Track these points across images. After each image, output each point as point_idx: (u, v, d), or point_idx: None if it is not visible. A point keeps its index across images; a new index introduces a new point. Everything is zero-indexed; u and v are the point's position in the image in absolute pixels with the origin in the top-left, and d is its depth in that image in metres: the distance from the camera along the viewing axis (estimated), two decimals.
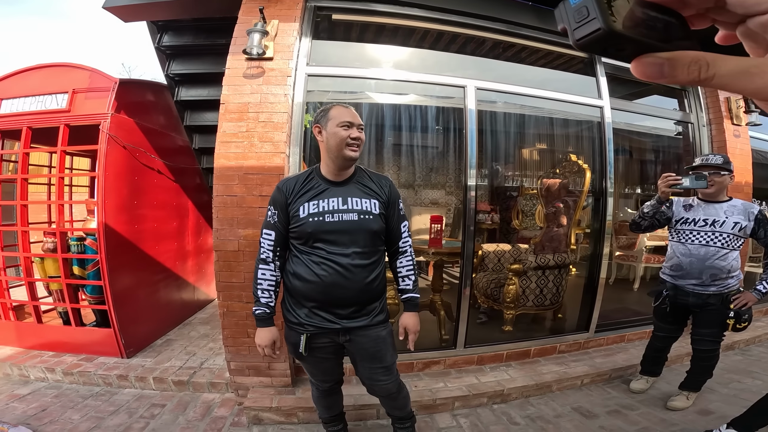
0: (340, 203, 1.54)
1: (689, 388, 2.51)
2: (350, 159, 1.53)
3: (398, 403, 1.84)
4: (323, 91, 2.99)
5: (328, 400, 1.89)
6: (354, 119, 1.53)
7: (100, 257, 2.72)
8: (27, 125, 2.79)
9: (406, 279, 1.68)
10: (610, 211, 3.06)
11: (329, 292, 1.54)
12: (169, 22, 3.11)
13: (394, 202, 1.66)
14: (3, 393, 2.56)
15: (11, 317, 3.01)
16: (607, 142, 3.03)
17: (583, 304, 3.26)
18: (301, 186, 1.57)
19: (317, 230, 1.51)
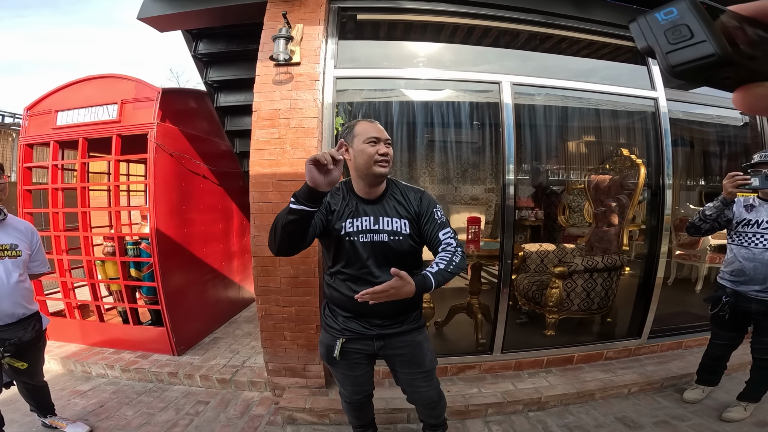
0: (371, 223, 1.50)
1: (748, 398, 2.32)
2: (380, 175, 1.47)
3: (437, 411, 1.80)
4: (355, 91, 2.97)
5: (358, 413, 1.87)
6: (380, 134, 1.47)
7: (153, 260, 2.89)
8: (83, 136, 2.99)
9: (433, 264, 1.47)
10: (669, 208, 2.83)
11: (362, 307, 1.48)
12: (202, 30, 3.19)
13: (426, 213, 1.54)
14: (66, 389, 2.76)
15: (76, 316, 3.27)
16: (664, 135, 2.79)
17: (635, 307, 3.05)
18: (340, 199, 1.54)
19: (350, 249, 1.49)
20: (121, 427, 2.31)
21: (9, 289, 1.84)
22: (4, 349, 1.81)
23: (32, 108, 3.14)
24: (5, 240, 1.87)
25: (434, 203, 1.57)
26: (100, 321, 3.23)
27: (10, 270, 1.85)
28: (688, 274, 4.27)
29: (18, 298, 1.88)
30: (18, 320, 1.90)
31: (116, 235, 3.04)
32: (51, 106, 3.09)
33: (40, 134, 3.10)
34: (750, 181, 1.90)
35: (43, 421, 2.25)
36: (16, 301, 1.87)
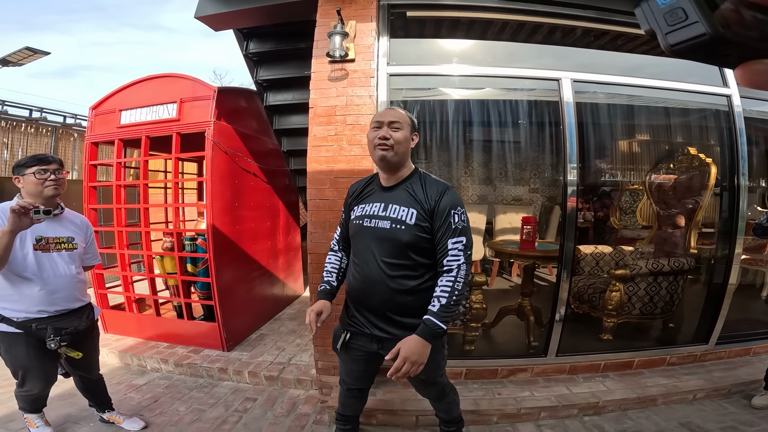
0: (380, 209, 1.52)
1: None
2: (380, 159, 1.47)
3: (442, 406, 1.86)
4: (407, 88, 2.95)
5: (347, 401, 1.89)
6: (384, 118, 1.48)
7: (208, 256, 2.94)
8: (145, 134, 3.08)
9: (435, 300, 1.40)
10: (744, 210, 2.70)
11: (358, 294, 1.59)
12: (252, 29, 3.24)
13: (441, 214, 1.43)
14: (123, 383, 2.84)
15: (134, 309, 3.37)
16: (739, 134, 2.65)
17: (704, 313, 2.92)
18: (362, 189, 1.63)
19: (355, 233, 1.56)
20: (174, 423, 2.35)
21: (66, 281, 1.90)
22: (61, 338, 1.86)
23: (97, 107, 3.25)
24: (63, 233, 1.94)
25: (456, 204, 1.45)
26: (156, 315, 3.31)
27: (67, 262, 1.92)
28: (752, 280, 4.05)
29: (74, 290, 1.95)
30: (73, 310, 1.95)
31: (175, 231, 3.12)
32: (115, 106, 3.20)
33: (105, 132, 3.22)
34: None
35: (101, 416, 2.30)
36: (72, 293, 1.94)
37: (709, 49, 0.28)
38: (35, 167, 1.81)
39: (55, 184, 1.84)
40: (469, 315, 2.75)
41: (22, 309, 1.82)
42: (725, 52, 0.29)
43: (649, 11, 0.30)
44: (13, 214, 1.58)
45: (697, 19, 0.27)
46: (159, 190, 3.87)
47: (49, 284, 1.84)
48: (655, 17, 0.29)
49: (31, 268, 1.80)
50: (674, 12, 0.28)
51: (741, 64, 0.30)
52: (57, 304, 1.88)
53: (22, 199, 1.82)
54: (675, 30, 0.28)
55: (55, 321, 1.87)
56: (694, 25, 0.27)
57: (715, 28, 0.27)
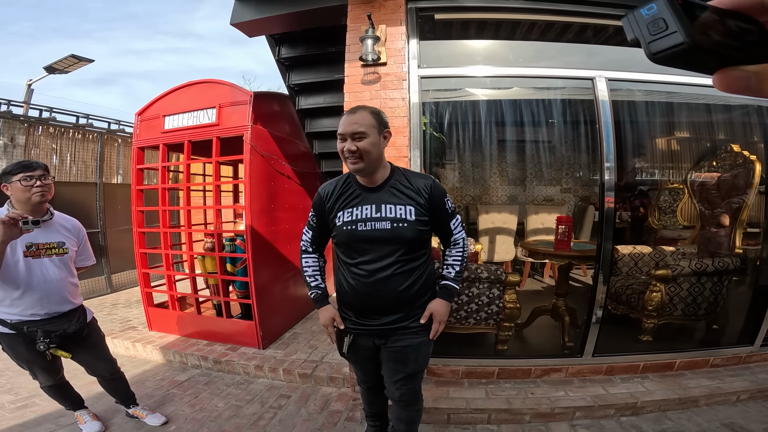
0: (373, 211, 1.49)
1: None
2: (355, 171, 1.47)
3: (409, 413, 1.76)
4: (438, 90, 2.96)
5: (370, 398, 1.92)
6: (346, 130, 1.43)
7: (247, 256, 3.04)
8: (187, 139, 3.21)
9: (450, 267, 1.63)
10: None
11: (363, 301, 1.55)
12: (283, 35, 3.32)
13: (437, 203, 1.54)
14: (166, 379, 2.96)
15: (176, 308, 3.51)
16: None
17: (749, 314, 2.81)
18: (339, 192, 1.56)
19: (350, 239, 1.50)
20: (213, 419, 2.43)
21: (57, 286, 1.94)
22: (50, 340, 1.90)
23: (142, 113, 3.41)
24: (53, 238, 1.96)
25: (444, 193, 1.58)
26: (197, 313, 3.44)
27: (58, 266, 1.95)
28: None
29: (64, 293, 1.98)
30: (63, 313, 1.99)
31: (216, 232, 3.23)
32: (159, 111, 3.34)
33: (150, 137, 3.37)
34: None
35: (126, 411, 2.40)
36: (63, 296, 1.97)
37: (688, 57, 0.29)
38: (20, 174, 1.81)
39: (41, 191, 1.84)
40: (503, 315, 2.74)
41: (16, 312, 1.86)
42: (704, 59, 0.30)
43: (635, 21, 0.31)
44: (3, 225, 1.62)
45: (676, 29, 0.28)
46: (197, 193, 4.02)
47: (39, 289, 1.88)
48: (640, 27, 0.31)
49: (23, 274, 1.83)
50: (656, 22, 0.29)
51: (718, 71, 0.31)
52: (47, 308, 1.92)
53: (12, 206, 1.86)
54: (657, 39, 0.30)
55: (46, 324, 1.92)
56: (674, 35, 0.28)
57: (692, 37, 0.28)
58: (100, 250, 5.19)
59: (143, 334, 3.56)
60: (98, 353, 2.21)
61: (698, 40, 0.28)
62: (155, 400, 2.64)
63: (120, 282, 5.55)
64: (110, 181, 5.47)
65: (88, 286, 5.11)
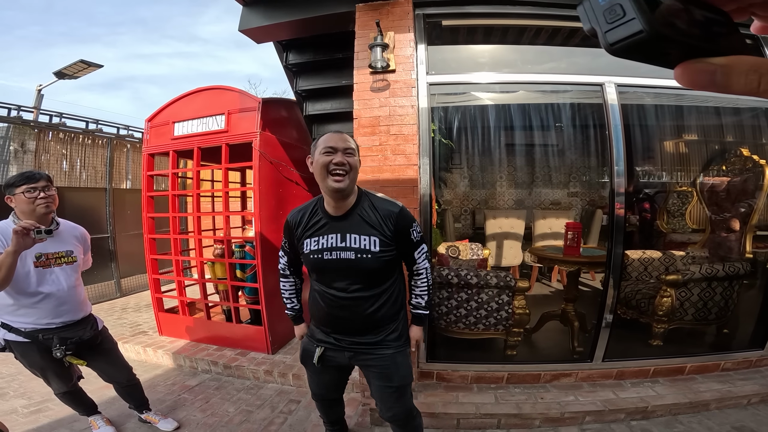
0: (338, 240, 1.48)
1: None
2: (333, 190, 1.40)
3: (406, 430, 1.77)
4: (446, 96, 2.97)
5: (326, 410, 1.98)
6: (338, 144, 1.40)
7: (257, 262, 3.06)
8: (197, 145, 3.23)
9: (418, 298, 1.68)
10: None
11: (333, 321, 1.60)
12: (291, 41, 3.33)
13: (403, 233, 1.53)
14: (177, 384, 2.98)
15: (186, 313, 3.53)
16: None
17: (759, 318, 2.80)
18: (307, 219, 1.55)
19: (317, 267, 1.52)
20: (225, 424, 2.44)
21: (69, 293, 1.97)
22: (66, 347, 1.92)
23: (152, 119, 3.44)
24: (62, 247, 1.98)
25: (411, 222, 1.56)
26: (207, 318, 3.46)
27: (69, 275, 1.98)
28: None
29: (77, 301, 2.01)
30: (78, 321, 2.02)
31: (225, 238, 3.25)
32: (168, 118, 3.37)
33: (160, 144, 3.39)
34: None
35: (139, 416, 2.43)
36: (76, 304, 2.01)
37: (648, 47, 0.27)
38: (23, 186, 1.81)
39: (46, 202, 1.85)
40: (512, 320, 2.74)
41: (30, 321, 1.89)
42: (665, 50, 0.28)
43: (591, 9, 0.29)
44: (16, 235, 1.63)
45: (633, 15, 0.26)
46: (206, 199, 4.03)
47: (54, 298, 1.91)
48: (596, 15, 0.28)
49: (35, 284, 1.86)
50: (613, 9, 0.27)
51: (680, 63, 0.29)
52: (63, 316, 1.95)
53: (17, 217, 1.86)
54: (614, 28, 0.27)
55: (61, 331, 1.94)
56: (631, 22, 0.26)
57: (652, 25, 0.26)
58: (109, 254, 5.24)
59: (154, 339, 3.58)
60: (113, 360, 2.24)
61: (659, 28, 0.26)
62: (167, 405, 2.65)
63: (129, 286, 5.59)
64: (119, 187, 5.52)
65: (98, 290, 5.15)
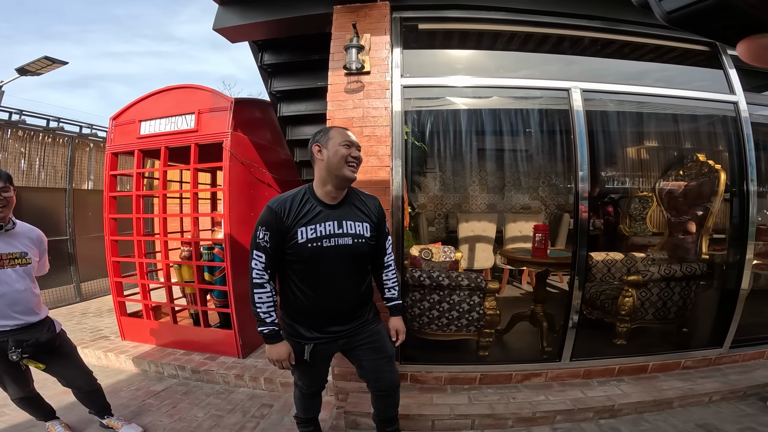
0: (335, 227, 1.55)
1: None
2: (348, 179, 1.55)
3: (395, 399, 1.89)
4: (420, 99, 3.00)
5: (308, 404, 1.95)
6: (353, 140, 1.57)
7: (226, 265, 2.99)
8: (164, 145, 3.14)
9: (392, 290, 1.81)
10: (754, 215, 2.73)
11: (325, 312, 1.62)
12: (267, 41, 3.29)
13: (382, 222, 1.72)
14: (141, 389, 2.87)
15: (151, 317, 3.41)
16: (746, 140, 2.70)
17: (717, 317, 2.94)
18: (297, 208, 1.53)
19: (315, 255, 1.52)
20: (194, 429, 2.37)
21: (23, 296, 1.92)
22: (22, 350, 1.87)
23: (117, 118, 3.32)
24: (17, 249, 1.94)
25: (384, 213, 1.76)
26: (173, 322, 3.35)
27: (22, 276, 1.93)
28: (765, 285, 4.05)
29: (31, 304, 1.96)
30: (33, 323, 1.97)
31: (193, 240, 3.16)
32: (135, 116, 3.26)
33: (125, 143, 3.28)
34: None
35: (101, 421, 2.34)
36: (30, 306, 1.96)
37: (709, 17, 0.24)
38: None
39: (3, 203, 1.83)
40: (483, 321, 2.78)
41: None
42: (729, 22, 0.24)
43: None
44: None
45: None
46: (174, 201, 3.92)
47: (6, 300, 1.86)
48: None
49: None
50: None
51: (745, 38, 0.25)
52: (15, 318, 1.90)
53: None
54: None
55: (16, 334, 1.89)
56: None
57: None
58: (68, 257, 5.00)
59: (116, 344, 3.44)
60: (72, 363, 2.17)
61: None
62: (131, 411, 2.56)
63: (90, 291, 5.34)
64: (81, 187, 5.29)
65: (56, 294, 4.90)
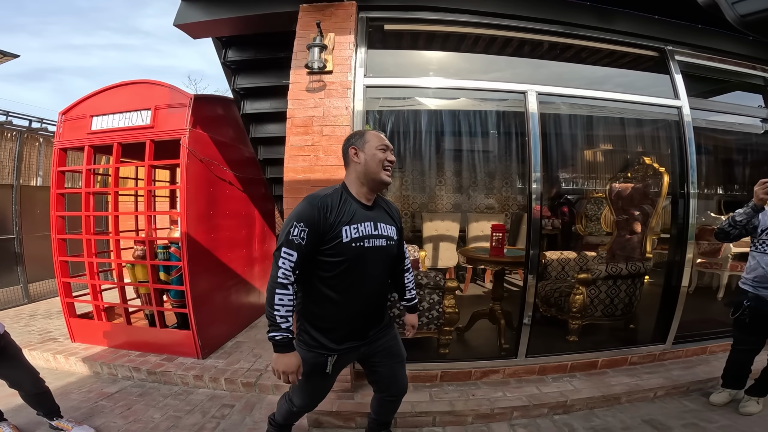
0: (372, 228, 1.52)
1: (758, 394, 2.46)
2: (384, 183, 1.55)
3: (397, 404, 1.90)
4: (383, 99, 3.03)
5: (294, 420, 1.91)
6: (389, 144, 1.58)
7: (183, 264, 2.92)
8: (117, 141, 3.03)
9: (412, 290, 1.89)
10: (694, 216, 2.89)
11: (357, 315, 1.58)
12: (232, 37, 3.24)
13: (401, 228, 1.76)
14: (93, 391, 2.77)
15: (103, 318, 3.29)
16: (688, 143, 2.86)
17: (660, 314, 3.09)
18: (338, 206, 1.47)
19: (357, 256, 1.47)
20: (150, 430, 2.31)
21: None
22: None
23: (67, 112, 3.18)
24: None
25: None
26: (126, 324, 3.24)
27: None
28: (709, 282, 4.31)
29: None
30: None
31: (147, 239, 3.07)
32: (86, 111, 3.14)
33: (74, 138, 3.14)
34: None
35: (50, 423, 2.26)
36: None
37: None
38: None
39: None
40: (443, 319, 2.83)
41: None
42: None
43: None
44: None
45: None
46: (129, 198, 3.78)
47: None
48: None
49: None
50: None
51: None
52: None
53: None
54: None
55: None
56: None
57: None
58: (15, 257, 4.72)
59: (65, 346, 3.29)
60: (17, 365, 2.12)
61: None
62: (82, 412, 2.47)
63: (39, 292, 5.06)
64: (29, 184, 5.01)
65: (2, 296, 4.62)
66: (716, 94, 3.66)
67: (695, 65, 3.11)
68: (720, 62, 3.18)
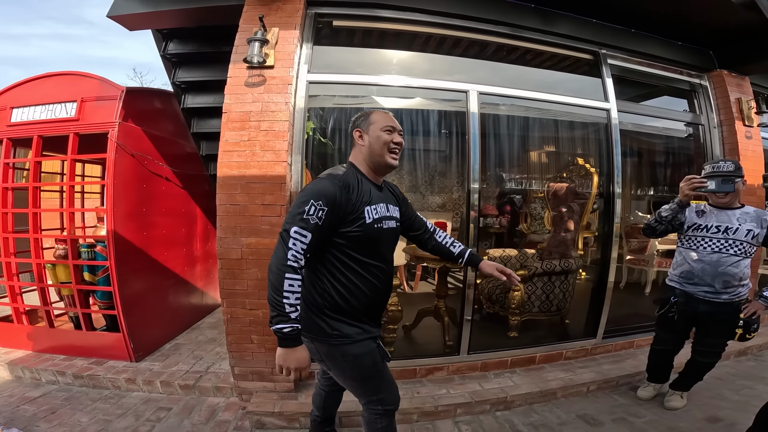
0: (385, 210, 1.48)
1: (681, 388, 2.54)
2: (390, 167, 1.49)
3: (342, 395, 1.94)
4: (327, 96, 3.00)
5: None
6: (396, 125, 1.49)
7: (109, 264, 2.78)
8: (37, 134, 2.87)
9: (455, 244, 1.78)
10: (619, 215, 3.02)
11: (380, 301, 1.55)
12: (173, 30, 3.13)
13: (404, 200, 1.70)
14: (15, 396, 2.62)
15: (24, 321, 3.09)
16: (614, 145, 2.99)
17: (590, 309, 3.21)
18: (359, 186, 1.41)
19: (376, 237, 1.43)
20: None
21: None
22: None
23: None
24: None
25: None
26: (49, 327, 3.07)
27: None
28: (638, 278, 4.55)
29: None
30: None
31: (69, 238, 2.90)
32: (5, 103, 2.97)
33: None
34: (706, 184, 2.07)
35: None
36: None
37: None
38: None
39: None
40: (386, 317, 2.83)
41: None
42: None
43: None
44: None
45: None
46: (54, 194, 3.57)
47: None
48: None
49: None
50: None
51: None
52: None
53: None
54: None
55: None
56: None
57: None
58: None
59: None
60: None
61: None
62: (3, 416, 2.35)
63: None
64: None
65: None
66: (646, 98, 3.85)
67: (627, 69, 3.26)
68: (649, 66, 3.36)
